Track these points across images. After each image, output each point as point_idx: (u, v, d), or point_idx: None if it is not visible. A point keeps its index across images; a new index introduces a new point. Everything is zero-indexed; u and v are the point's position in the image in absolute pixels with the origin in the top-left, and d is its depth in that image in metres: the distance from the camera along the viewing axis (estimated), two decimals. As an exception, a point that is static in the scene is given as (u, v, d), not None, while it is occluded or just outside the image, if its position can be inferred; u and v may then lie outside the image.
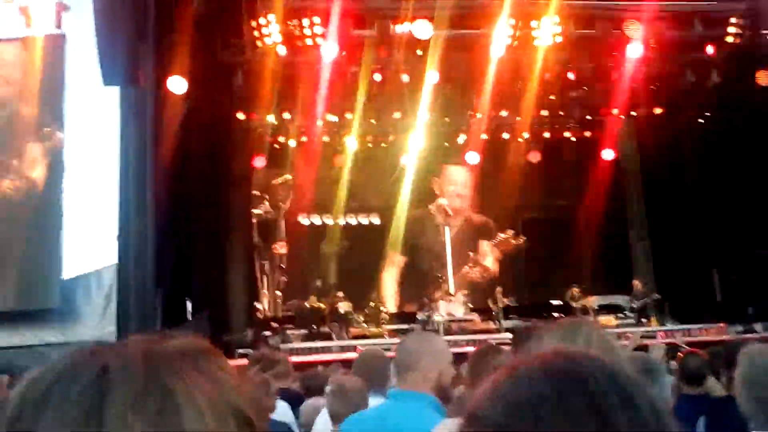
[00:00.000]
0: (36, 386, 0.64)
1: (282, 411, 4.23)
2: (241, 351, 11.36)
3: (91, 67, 12.81)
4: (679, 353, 6.17)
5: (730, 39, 14.12)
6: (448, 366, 2.74)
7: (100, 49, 11.90)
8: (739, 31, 14.01)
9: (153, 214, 11.93)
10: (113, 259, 12.98)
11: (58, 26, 14.90)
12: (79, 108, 15.47)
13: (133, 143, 12.25)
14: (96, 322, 14.97)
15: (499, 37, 13.91)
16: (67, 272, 15.05)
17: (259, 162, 16.55)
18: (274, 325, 13.71)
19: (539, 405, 0.68)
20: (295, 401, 4.72)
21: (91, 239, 15.10)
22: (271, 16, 13.35)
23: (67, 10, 14.72)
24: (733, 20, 13.99)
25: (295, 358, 10.79)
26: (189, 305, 12.91)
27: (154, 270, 11.77)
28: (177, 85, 12.77)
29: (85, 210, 15.10)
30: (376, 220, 17.37)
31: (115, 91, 13.04)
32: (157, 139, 12.19)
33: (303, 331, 13.54)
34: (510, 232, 16.65)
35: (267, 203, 16.06)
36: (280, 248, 15.14)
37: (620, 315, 14.57)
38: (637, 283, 15.38)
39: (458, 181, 17.62)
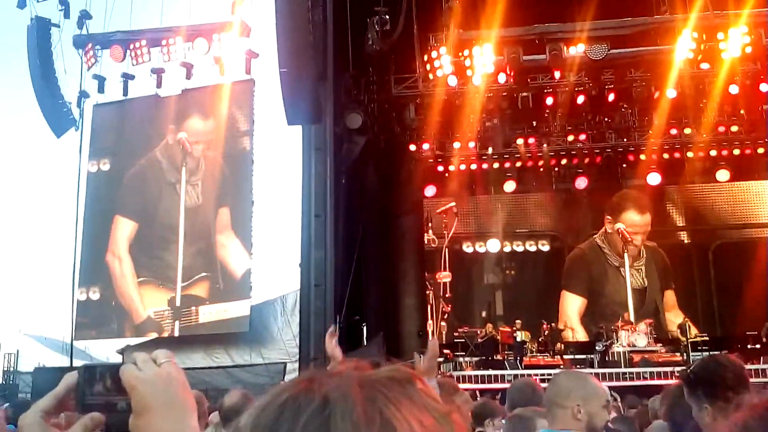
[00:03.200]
0: (264, 416, 0.68)
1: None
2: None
3: (276, 108, 13.83)
4: None
5: None
6: (601, 409, 2.66)
7: (284, 91, 12.82)
8: None
9: (332, 243, 12.58)
10: (296, 285, 13.78)
11: (248, 72, 16.24)
12: (266, 146, 16.68)
13: (314, 177, 13.03)
14: (280, 345, 15.95)
15: (681, 52, 13.22)
16: (255, 298, 16.19)
17: (430, 191, 16.86)
18: (446, 351, 13.78)
19: None
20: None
21: (276, 267, 16.09)
22: (443, 49, 13.66)
23: (255, 57, 16.02)
24: None
25: (466, 386, 10.80)
26: (365, 330, 13.36)
27: (333, 296, 12.36)
28: (354, 120, 13.46)
29: (271, 239, 16.17)
30: (545, 247, 16.95)
31: (298, 130, 13.99)
32: (336, 172, 12.89)
33: (474, 359, 13.49)
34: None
35: (431, 231, 16.27)
36: (444, 277, 15.21)
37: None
38: None
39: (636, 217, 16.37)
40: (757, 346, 13.00)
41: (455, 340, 14.23)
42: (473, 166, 16.68)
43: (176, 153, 17.21)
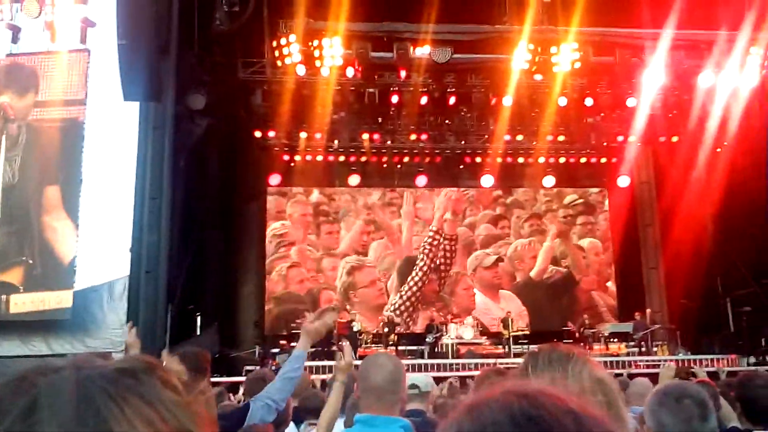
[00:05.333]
0: None
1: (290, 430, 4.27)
2: (248, 368, 11.34)
3: (113, 81, 13.02)
4: (690, 380, 5.98)
5: (750, 69, 14.04)
6: (406, 388, 2.77)
7: (122, 65, 12.09)
8: (760, 61, 13.93)
9: (167, 228, 12.06)
10: (125, 271, 13.07)
11: (83, 42, 15.15)
12: (99, 122, 15.66)
13: (150, 158, 12.42)
14: (106, 334, 15.06)
15: (518, 62, 13.96)
16: (80, 283, 15.15)
17: (275, 180, 16.70)
18: (282, 342, 13.70)
19: None
20: (299, 420, 4.73)
21: (104, 251, 15.16)
22: (292, 37, 13.50)
23: (92, 26, 14.97)
24: (753, 50, 13.92)
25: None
26: (199, 320, 12.95)
27: (165, 283, 11.86)
28: (196, 101, 12.97)
29: (100, 222, 15.21)
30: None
31: (135, 106, 13.24)
32: (175, 154, 12.36)
33: (310, 349, 13.52)
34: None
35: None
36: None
37: (631, 343, 14.39)
38: (649, 312, 15.23)
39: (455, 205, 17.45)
40: (571, 340, 14.08)
41: (292, 331, 14.18)
42: (319, 158, 16.72)
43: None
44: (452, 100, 15.32)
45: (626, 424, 1.40)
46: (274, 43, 13.70)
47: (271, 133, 15.70)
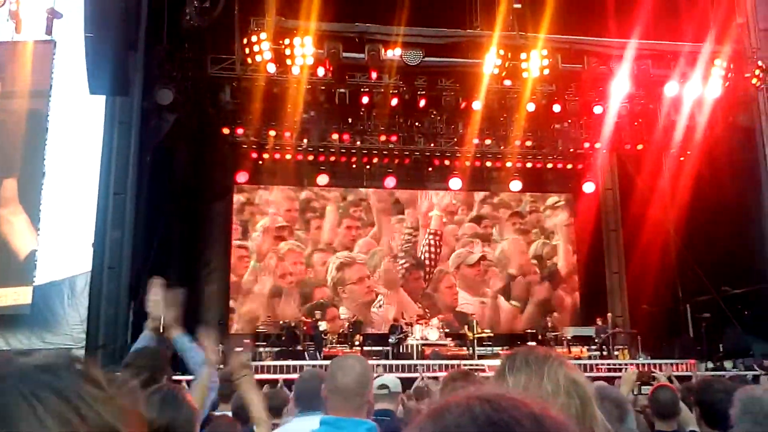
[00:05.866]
0: None
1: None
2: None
3: (78, 74, 12.78)
4: (651, 384, 6.11)
5: (714, 80, 14.34)
6: (376, 396, 2.76)
7: (89, 58, 11.87)
8: (723, 73, 14.23)
9: (131, 224, 11.88)
10: (87, 267, 12.84)
11: (49, 33, 14.87)
12: (64, 115, 15.37)
13: (116, 153, 12.23)
14: (66, 330, 14.79)
15: (488, 67, 14.04)
16: (41, 278, 14.85)
17: (242, 177, 16.59)
18: (246, 341, 13.60)
19: None
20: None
21: (67, 246, 14.88)
22: (263, 35, 13.40)
23: (58, 17, 14.71)
24: (717, 62, 14.23)
25: (265, 376, 10.74)
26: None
27: (128, 280, 11.69)
28: (164, 96, 12.80)
29: (62, 216, 14.93)
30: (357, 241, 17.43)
31: (101, 100, 13.02)
32: (141, 149, 12.19)
33: (275, 349, 13.46)
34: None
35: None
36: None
37: (592, 347, 14.60)
38: (610, 316, 15.47)
39: (440, 206, 17.77)
40: (534, 342, 14.23)
41: (257, 330, 14.09)
42: (288, 156, 16.63)
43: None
44: (422, 103, 15.39)
45: (599, 423, 1.42)
46: (245, 41, 13.57)
47: (240, 131, 15.58)
